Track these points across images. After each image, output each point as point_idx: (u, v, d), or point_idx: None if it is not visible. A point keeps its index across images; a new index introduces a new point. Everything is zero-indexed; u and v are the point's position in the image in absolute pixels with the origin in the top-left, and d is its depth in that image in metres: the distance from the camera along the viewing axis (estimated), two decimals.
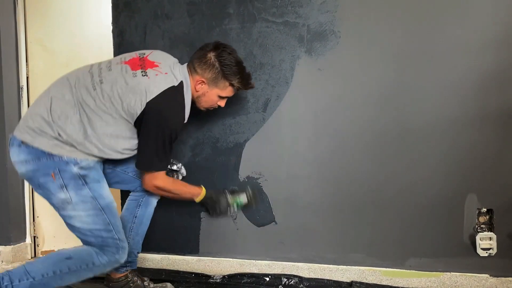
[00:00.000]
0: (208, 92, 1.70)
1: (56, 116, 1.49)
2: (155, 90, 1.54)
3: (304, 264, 2.02)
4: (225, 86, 1.70)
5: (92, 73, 1.58)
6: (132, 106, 1.53)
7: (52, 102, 1.52)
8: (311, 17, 1.92)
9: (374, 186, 1.92)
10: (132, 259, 1.88)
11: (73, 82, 1.56)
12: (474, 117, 1.80)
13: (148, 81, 1.55)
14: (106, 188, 1.62)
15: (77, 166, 1.51)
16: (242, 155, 2.05)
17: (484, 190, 1.82)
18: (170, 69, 1.63)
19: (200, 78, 1.67)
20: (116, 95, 1.53)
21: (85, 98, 1.52)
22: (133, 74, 1.56)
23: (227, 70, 1.66)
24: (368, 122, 1.90)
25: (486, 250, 1.82)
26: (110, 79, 1.55)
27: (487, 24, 1.76)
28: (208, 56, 1.65)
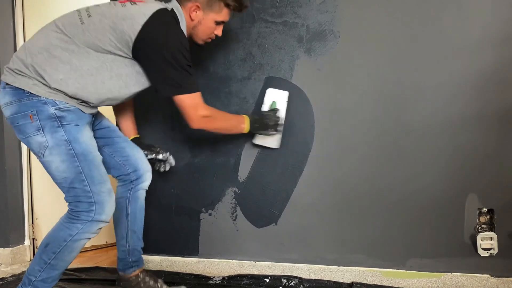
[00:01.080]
0: (204, 18, 1.64)
1: (35, 56, 1.43)
2: (147, 12, 1.47)
3: (304, 265, 2.01)
4: (220, 8, 1.64)
5: (79, 10, 1.52)
6: (125, 31, 1.45)
7: (32, 42, 1.47)
8: (310, 17, 1.92)
9: (374, 186, 1.91)
10: (136, 257, 1.86)
11: (59, 23, 1.48)
12: (474, 117, 1.79)
13: (138, 6, 1.50)
14: (86, 135, 1.50)
15: (54, 107, 1.43)
16: (242, 156, 2.05)
17: (485, 190, 1.81)
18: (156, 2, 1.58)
19: (193, 3, 1.60)
20: (106, 26, 1.45)
21: (72, 33, 1.45)
22: (122, 5, 1.50)
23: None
24: (368, 122, 1.89)
25: (487, 250, 1.81)
26: (99, 12, 1.49)
27: (486, 24, 1.75)
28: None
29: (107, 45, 1.46)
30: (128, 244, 1.83)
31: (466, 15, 1.77)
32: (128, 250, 1.84)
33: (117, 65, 1.50)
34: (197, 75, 2.03)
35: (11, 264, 2.38)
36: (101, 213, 1.47)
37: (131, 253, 1.84)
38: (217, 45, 2.01)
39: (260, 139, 1.95)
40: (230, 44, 2.01)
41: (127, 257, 1.83)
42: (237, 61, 2.01)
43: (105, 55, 1.47)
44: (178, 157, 2.09)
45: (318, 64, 1.93)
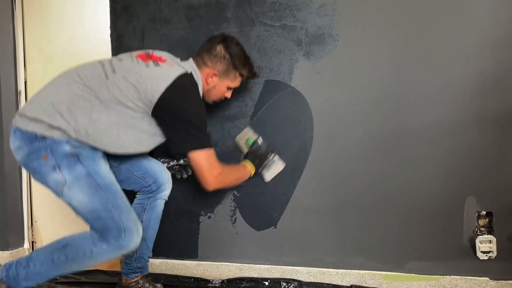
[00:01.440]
0: (219, 84, 1.72)
1: (54, 104, 1.43)
2: (171, 76, 1.51)
3: (303, 268, 2.01)
4: (235, 77, 1.74)
5: (103, 63, 1.55)
6: (149, 91, 1.48)
7: (51, 90, 1.48)
8: (309, 21, 1.92)
9: (373, 189, 1.91)
10: (142, 264, 1.87)
11: (82, 74, 1.50)
12: (473, 120, 1.80)
13: (162, 70, 1.53)
14: (104, 167, 1.53)
15: (69, 144, 1.44)
16: (241, 158, 2.05)
17: (484, 193, 1.82)
18: (176, 63, 1.62)
19: (211, 70, 1.68)
20: (130, 83, 1.48)
21: (95, 87, 1.47)
22: (146, 65, 1.54)
23: (237, 61, 1.69)
24: (367, 125, 1.90)
25: (486, 253, 1.81)
26: (123, 68, 1.52)
27: (485, 27, 1.76)
28: (218, 48, 1.67)
29: (129, 101, 1.48)
30: (136, 251, 1.82)
31: (465, 19, 1.77)
32: (135, 256, 1.84)
33: (135, 121, 1.52)
34: None
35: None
36: (130, 241, 1.47)
37: (138, 259, 1.84)
38: None
39: (269, 173, 2.00)
40: None
41: (133, 262, 1.84)
42: None
43: (124, 109, 1.49)
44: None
45: (317, 68, 1.93)
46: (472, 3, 1.77)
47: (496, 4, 1.75)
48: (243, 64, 1.72)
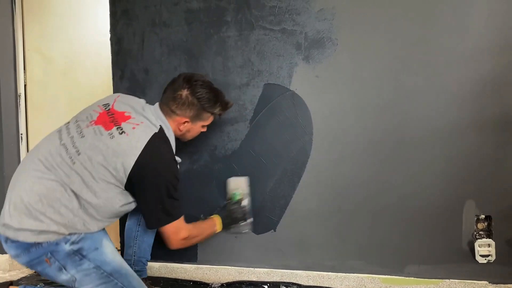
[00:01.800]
0: (192, 127, 1.68)
1: (34, 205, 1.36)
2: (138, 145, 1.43)
3: (303, 272, 2.02)
4: (208, 117, 1.70)
5: (65, 145, 1.44)
6: (118, 169, 1.41)
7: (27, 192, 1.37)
8: (309, 25, 1.93)
9: (372, 192, 1.92)
10: (140, 267, 1.87)
11: (47, 163, 1.41)
12: (471, 124, 1.80)
13: (128, 139, 1.44)
14: (109, 251, 1.49)
15: (68, 242, 1.40)
16: (241, 162, 2.05)
17: (483, 197, 1.82)
18: (143, 116, 1.53)
19: (182, 119, 1.62)
20: (97, 164, 1.40)
21: (65, 178, 1.39)
22: (110, 135, 1.44)
23: (206, 104, 1.63)
24: (366, 128, 1.90)
25: (485, 257, 1.81)
26: (87, 147, 1.42)
27: (483, 31, 1.77)
28: (184, 96, 1.59)
29: (100, 179, 1.41)
30: (134, 254, 1.83)
31: (463, 23, 1.78)
32: (133, 259, 1.85)
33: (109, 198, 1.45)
34: None
35: (9, 270, 2.37)
36: None
37: (136, 263, 1.85)
38: (216, 52, 2.02)
39: (234, 229, 1.98)
40: (229, 51, 2.02)
41: (131, 266, 1.84)
42: (236, 68, 2.02)
43: (98, 185, 1.42)
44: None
45: (317, 71, 1.94)
46: (470, 8, 1.77)
47: (494, 9, 1.75)
48: (213, 105, 1.65)
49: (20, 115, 2.45)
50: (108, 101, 1.59)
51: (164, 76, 2.09)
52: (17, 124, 2.43)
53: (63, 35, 2.60)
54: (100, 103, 1.59)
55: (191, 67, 2.06)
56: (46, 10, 2.59)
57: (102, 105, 1.57)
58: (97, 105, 1.58)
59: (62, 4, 2.61)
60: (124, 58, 2.15)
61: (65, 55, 2.59)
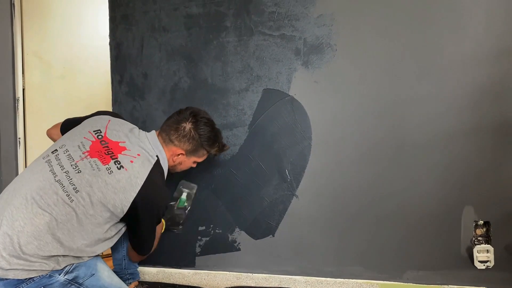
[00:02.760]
0: (186, 160, 1.68)
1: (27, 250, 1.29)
2: (138, 182, 1.43)
3: (301, 277, 2.01)
4: (203, 154, 1.72)
5: (61, 181, 1.37)
6: (117, 205, 1.40)
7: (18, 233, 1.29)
8: (308, 31, 1.94)
9: (371, 198, 1.92)
10: (132, 270, 1.87)
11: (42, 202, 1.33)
12: (470, 130, 1.81)
13: (128, 174, 1.42)
14: (105, 275, 1.48)
15: (62, 273, 1.36)
16: (239, 167, 2.05)
17: (481, 202, 1.82)
18: (138, 146, 1.52)
19: (178, 150, 1.62)
20: (96, 201, 1.37)
21: (61, 216, 1.33)
22: (108, 170, 1.41)
23: (205, 142, 1.65)
24: (365, 134, 1.90)
25: (483, 263, 1.81)
26: (84, 182, 1.37)
27: (482, 37, 1.78)
28: (187, 129, 1.60)
29: (98, 217, 1.40)
30: (124, 258, 1.83)
31: (461, 29, 1.79)
32: (124, 263, 1.84)
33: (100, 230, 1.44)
34: (196, 86, 2.05)
35: None
36: None
37: (127, 266, 1.84)
38: (215, 57, 2.03)
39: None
40: (228, 56, 2.02)
41: (123, 270, 1.84)
42: (235, 73, 2.02)
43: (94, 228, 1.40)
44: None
45: (316, 77, 1.94)
46: (469, 14, 1.79)
47: (492, 14, 1.77)
48: (212, 144, 1.68)
49: (18, 119, 2.45)
50: (99, 127, 1.54)
51: (163, 81, 2.10)
52: (15, 128, 2.43)
53: (62, 40, 2.60)
54: (91, 128, 1.53)
55: (190, 72, 2.06)
56: (45, 14, 2.59)
57: (93, 132, 1.51)
58: (88, 130, 1.52)
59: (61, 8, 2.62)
60: (123, 62, 2.15)
61: (64, 59, 2.59)
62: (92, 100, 2.66)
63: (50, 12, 2.60)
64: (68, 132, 1.56)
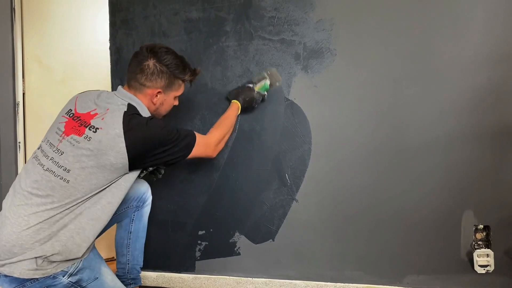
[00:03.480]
0: (166, 98, 1.61)
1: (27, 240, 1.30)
2: (117, 132, 1.38)
3: (301, 282, 2.00)
4: (179, 85, 1.64)
5: (50, 169, 1.37)
6: (114, 162, 1.38)
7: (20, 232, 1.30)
8: (307, 35, 1.94)
9: (371, 202, 1.92)
10: (135, 275, 1.87)
11: (41, 192, 1.34)
12: (469, 134, 1.81)
13: (105, 131, 1.38)
14: (109, 279, 1.48)
15: (66, 275, 1.36)
16: (239, 171, 2.05)
17: (481, 207, 1.82)
18: (106, 104, 1.47)
19: (154, 90, 1.55)
20: (92, 169, 1.36)
21: (63, 199, 1.34)
22: (86, 138, 1.38)
23: (176, 70, 1.57)
24: (365, 138, 1.91)
25: (483, 267, 1.81)
26: (72, 161, 1.36)
27: (481, 42, 1.78)
28: (151, 65, 1.52)
29: (103, 181, 1.39)
30: (128, 262, 1.83)
31: (459, 34, 1.80)
32: (128, 268, 1.84)
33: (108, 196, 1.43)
34: (196, 91, 2.05)
35: None
36: None
37: (130, 271, 1.84)
38: (215, 62, 2.03)
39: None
40: (228, 60, 2.03)
41: (126, 274, 1.84)
42: (235, 77, 2.03)
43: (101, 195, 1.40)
44: (174, 173, 2.09)
45: (315, 81, 1.95)
46: (468, 18, 1.79)
47: (492, 18, 1.77)
48: (183, 70, 1.60)
49: (18, 123, 2.44)
50: (69, 107, 1.52)
51: None
52: (15, 132, 2.42)
53: (62, 44, 2.60)
54: (63, 112, 1.52)
55: None
56: (45, 19, 2.60)
57: (65, 114, 1.49)
58: (61, 115, 1.51)
59: (61, 13, 2.62)
60: (124, 67, 2.15)
61: (64, 64, 2.59)
62: None
63: (50, 17, 2.61)
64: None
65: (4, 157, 2.39)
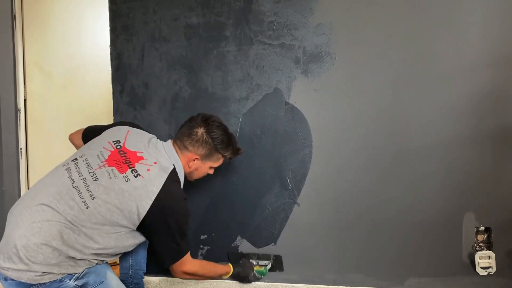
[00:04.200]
0: (201, 166, 1.68)
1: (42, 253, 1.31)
2: (154, 190, 1.44)
3: (303, 285, 2.01)
4: (218, 159, 1.70)
5: (78, 188, 1.40)
6: (133, 212, 1.41)
7: (32, 237, 1.31)
8: (307, 39, 1.95)
9: (372, 205, 1.92)
10: (138, 280, 1.87)
11: (58, 206, 1.36)
12: (469, 137, 1.82)
13: (144, 182, 1.44)
14: (114, 284, 1.49)
15: (72, 279, 1.38)
16: (240, 175, 2.05)
17: (482, 209, 1.83)
18: (155, 155, 1.54)
19: (193, 155, 1.63)
20: (113, 207, 1.39)
21: (77, 221, 1.36)
22: (125, 178, 1.43)
23: (219, 145, 1.64)
24: (365, 142, 1.91)
25: (485, 269, 1.81)
26: (102, 191, 1.40)
27: (480, 45, 1.79)
28: (199, 133, 1.61)
29: (114, 224, 1.41)
30: (131, 267, 1.84)
31: (459, 38, 1.81)
32: (131, 272, 1.84)
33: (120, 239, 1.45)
34: (196, 95, 2.06)
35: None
36: None
37: (133, 275, 1.84)
38: (215, 66, 2.04)
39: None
40: (228, 65, 2.03)
41: (129, 279, 1.84)
42: (235, 82, 2.04)
43: (109, 228, 1.41)
44: None
45: (315, 85, 1.95)
46: (467, 22, 1.80)
47: (490, 22, 1.78)
48: (226, 147, 1.67)
49: (20, 129, 2.46)
50: (118, 138, 1.58)
51: (164, 91, 2.11)
52: (17, 138, 2.43)
53: (63, 50, 2.62)
54: (110, 138, 1.57)
55: (191, 81, 2.08)
56: (46, 25, 2.61)
57: (113, 142, 1.55)
58: (107, 141, 1.56)
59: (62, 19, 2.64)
60: (124, 73, 2.16)
61: (65, 70, 2.61)
62: (94, 110, 2.67)
63: (51, 23, 2.63)
64: (89, 142, 1.62)
65: (6, 164, 2.40)
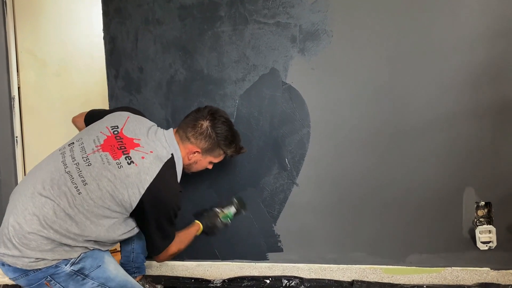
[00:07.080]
0: (201, 160, 1.63)
1: (36, 238, 1.31)
2: (147, 178, 1.41)
3: (304, 265, 2.01)
4: (219, 154, 1.65)
5: (70, 173, 1.38)
6: (126, 200, 1.39)
7: (28, 222, 1.31)
8: (303, 17, 1.92)
9: (372, 184, 1.92)
10: (139, 264, 1.87)
11: (51, 191, 1.34)
12: (468, 112, 1.81)
13: (137, 170, 1.40)
14: (112, 268, 1.47)
15: (68, 264, 1.36)
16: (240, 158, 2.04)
17: (482, 184, 1.83)
18: (153, 143, 1.50)
19: (194, 148, 1.58)
20: (106, 194, 1.37)
21: (68, 207, 1.34)
22: (118, 165, 1.40)
23: (222, 141, 1.59)
24: (363, 120, 1.90)
25: (486, 244, 1.82)
26: (94, 177, 1.37)
27: (477, 19, 1.77)
28: (204, 126, 1.56)
29: (104, 207, 1.38)
30: (133, 251, 1.83)
31: (456, 12, 1.78)
32: (132, 256, 1.84)
33: (112, 228, 1.43)
34: (192, 78, 2.04)
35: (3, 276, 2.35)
36: None
37: (135, 259, 1.85)
38: (210, 48, 2.01)
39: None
40: (223, 46, 2.01)
41: (130, 262, 1.84)
42: (231, 63, 2.01)
43: (102, 221, 1.39)
44: None
45: (312, 64, 1.93)
46: None
47: None
48: (229, 144, 1.62)
49: (14, 117, 2.42)
50: (117, 123, 1.54)
51: (159, 74, 2.08)
52: (12, 127, 2.40)
53: (55, 37, 2.58)
54: (109, 124, 1.54)
55: (186, 63, 2.05)
56: (37, 11, 2.57)
57: (111, 127, 1.52)
58: (105, 126, 1.53)
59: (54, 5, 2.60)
60: (118, 57, 2.13)
61: (58, 56, 2.57)
62: (89, 96, 2.64)
63: (42, 9, 2.58)
64: (89, 126, 1.58)
65: (2, 152, 2.38)
